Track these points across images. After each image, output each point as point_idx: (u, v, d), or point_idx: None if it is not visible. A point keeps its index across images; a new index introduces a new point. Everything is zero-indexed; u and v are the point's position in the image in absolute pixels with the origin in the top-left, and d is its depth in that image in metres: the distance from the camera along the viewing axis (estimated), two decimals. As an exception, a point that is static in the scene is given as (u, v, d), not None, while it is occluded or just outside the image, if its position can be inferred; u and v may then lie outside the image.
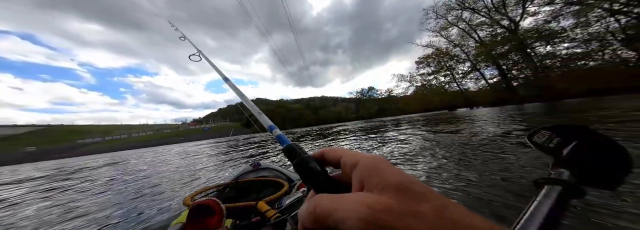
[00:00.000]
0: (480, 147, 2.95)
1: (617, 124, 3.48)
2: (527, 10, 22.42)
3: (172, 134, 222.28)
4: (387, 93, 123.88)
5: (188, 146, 22.99)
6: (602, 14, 16.92)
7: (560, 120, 5.13)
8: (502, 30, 24.39)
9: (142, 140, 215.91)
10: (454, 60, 32.34)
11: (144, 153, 20.80)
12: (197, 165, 4.94)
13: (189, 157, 7.45)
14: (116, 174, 5.46)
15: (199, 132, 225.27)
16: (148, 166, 6.44)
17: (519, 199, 1.32)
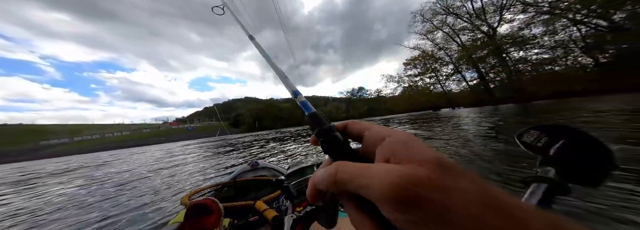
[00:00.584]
0: (465, 147, 3.11)
1: (583, 124, 3.91)
2: (504, 17, 24.09)
3: (152, 134, 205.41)
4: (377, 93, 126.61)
5: (170, 147, 21.53)
6: (567, 23, 18.66)
7: (532, 121, 5.62)
8: (482, 35, 26.01)
9: (117, 140, 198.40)
10: (438, 62, 33.91)
11: (115, 155, 19.25)
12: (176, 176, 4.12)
13: (165, 162, 6.74)
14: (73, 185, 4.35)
15: (183, 132, 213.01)
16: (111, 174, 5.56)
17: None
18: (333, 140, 0.17)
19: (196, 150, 10.35)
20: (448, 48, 31.59)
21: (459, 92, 32.29)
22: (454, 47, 30.83)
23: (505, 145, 3.03)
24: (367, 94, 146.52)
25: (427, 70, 36.22)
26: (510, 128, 4.75)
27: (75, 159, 22.68)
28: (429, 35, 33.28)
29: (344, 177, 0.13)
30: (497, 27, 24.56)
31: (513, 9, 22.93)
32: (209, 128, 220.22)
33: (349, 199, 0.14)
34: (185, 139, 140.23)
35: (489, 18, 25.44)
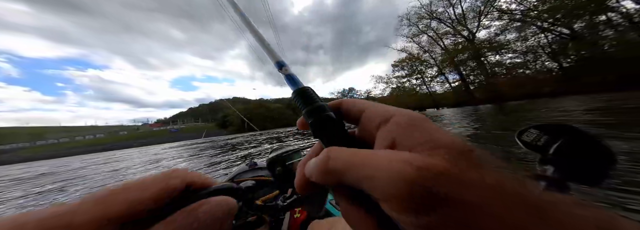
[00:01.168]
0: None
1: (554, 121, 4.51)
2: (482, 23, 25.87)
3: (130, 136, 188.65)
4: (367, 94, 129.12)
5: (153, 150, 19.49)
6: (536, 30, 20.51)
7: (506, 119, 6.10)
8: (463, 40, 27.72)
9: (89, 144, 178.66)
10: (424, 64, 35.51)
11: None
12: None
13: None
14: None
15: (165, 134, 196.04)
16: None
17: None
18: (326, 122, 0.14)
19: (182, 154, 9.78)
20: (433, 51, 33.25)
21: (442, 93, 34.11)
22: (438, 50, 32.51)
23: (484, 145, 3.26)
24: (358, 94, 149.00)
25: (413, 72, 37.78)
26: (489, 127, 5.26)
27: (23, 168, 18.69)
28: (415, 38, 34.85)
29: (337, 166, 0.11)
30: (476, 32, 26.32)
31: (490, 15, 24.74)
32: (194, 129, 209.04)
33: (344, 192, 0.12)
34: (169, 141, 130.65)
35: (469, 24, 27.21)
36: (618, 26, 16.12)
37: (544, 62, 20.65)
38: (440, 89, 34.56)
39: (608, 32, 16.50)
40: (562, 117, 4.87)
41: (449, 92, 31.91)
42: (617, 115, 3.85)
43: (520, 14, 21.75)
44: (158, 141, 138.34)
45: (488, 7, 24.66)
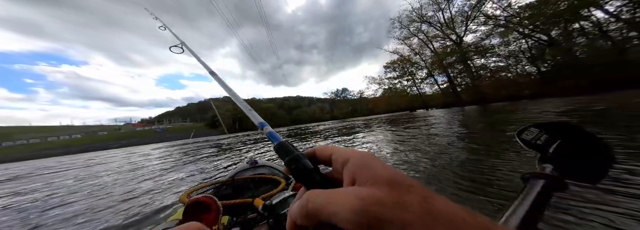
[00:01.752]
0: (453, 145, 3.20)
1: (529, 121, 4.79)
2: (469, 28, 27.08)
3: (111, 136, 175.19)
4: (360, 94, 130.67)
5: (135, 151, 17.43)
6: (517, 36, 21.75)
7: (488, 120, 6.42)
8: (451, 43, 28.85)
9: (64, 145, 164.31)
10: (414, 66, 36.58)
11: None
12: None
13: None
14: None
15: (149, 135, 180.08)
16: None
17: (503, 192, 1.37)
18: (303, 169, 0.18)
19: (165, 158, 7.62)
20: (423, 53, 34.35)
21: (432, 94, 35.29)
22: (428, 53, 33.63)
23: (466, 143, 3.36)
24: (351, 95, 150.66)
25: (404, 73, 38.82)
26: (473, 126, 5.52)
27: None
28: (406, 40, 35.82)
29: (315, 207, 0.13)
30: (464, 37, 27.50)
31: (477, 20, 25.96)
32: (181, 129, 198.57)
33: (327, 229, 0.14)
34: (154, 141, 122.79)
35: (457, 28, 28.38)
36: (589, 34, 17.46)
37: (524, 66, 21.98)
38: (429, 91, 35.82)
39: (580, 40, 17.83)
40: (538, 117, 5.33)
41: (438, 94, 33.09)
42: (585, 117, 4.29)
43: (504, 20, 23.00)
44: (142, 142, 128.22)
45: (475, 12, 25.87)
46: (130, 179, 3.93)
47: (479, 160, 2.22)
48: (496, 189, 1.51)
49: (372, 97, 58.07)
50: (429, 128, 5.99)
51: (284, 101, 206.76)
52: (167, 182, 3.31)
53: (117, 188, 3.29)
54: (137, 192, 2.88)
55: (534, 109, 7.67)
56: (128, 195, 2.76)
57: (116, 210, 2.20)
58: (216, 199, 0.59)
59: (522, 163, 1.97)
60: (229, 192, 1.19)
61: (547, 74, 19.66)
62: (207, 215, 0.55)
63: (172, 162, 5.72)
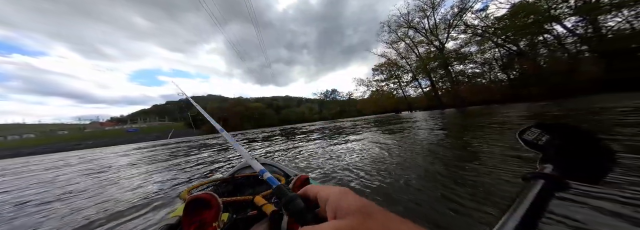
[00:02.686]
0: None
1: (500, 124, 4.99)
2: (451, 35, 29.13)
3: (73, 136, 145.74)
4: (348, 96, 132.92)
5: (100, 154, 14.23)
6: (492, 45, 23.89)
7: (465, 122, 6.90)
8: (434, 49, 30.78)
9: (13, 146, 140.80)
10: (400, 70, 38.34)
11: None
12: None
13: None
14: None
15: (120, 135, 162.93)
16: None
17: (501, 192, 1.42)
18: (298, 210, 0.22)
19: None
20: (409, 58, 36.18)
21: (416, 97, 37.25)
22: (413, 57, 35.48)
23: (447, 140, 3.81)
24: (340, 96, 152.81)
25: (391, 76, 40.50)
26: (451, 127, 6.04)
27: None
28: (394, 44, 37.49)
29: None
30: (446, 43, 29.50)
31: (458, 28, 28.03)
32: (158, 129, 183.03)
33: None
34: (126, 142, 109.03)
35: (440, 35, 30.36)
36: (550, 46, 19.76)
37: (497, 73, 24.20)
38: (414, 94, 37.77)
39: (543, 51, 20.11)
40: (504, 119, 6.03)
41: (422, 97, 35.04)
42: (543, 119, 5.05)
43: (481, 30, 25.13)
44: (111, 142, 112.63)
45: (457, 21, 27.93)
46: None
47: (460, 157, 2.52)
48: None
49: (360, 98, 59.51)
50: (411, 129, 6.49)
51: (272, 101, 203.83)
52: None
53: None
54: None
55: (502, 112, 8.73)
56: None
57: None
58: (217, 196, 0.61)
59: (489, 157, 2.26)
60: (229, 190, 1.22)
61: (515, 81, 21.86)
62: (208, 212, 0.57)
63: (132, 169, 4.70)
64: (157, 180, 3.25)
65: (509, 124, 4.89)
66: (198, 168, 3.95)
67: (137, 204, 2.16)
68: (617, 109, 5.00)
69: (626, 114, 4.09)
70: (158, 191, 2.57)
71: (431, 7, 30.84)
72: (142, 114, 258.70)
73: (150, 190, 2.67)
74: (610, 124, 3.29)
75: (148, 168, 4.58)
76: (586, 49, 17.84)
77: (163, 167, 4.53)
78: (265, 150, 5.70)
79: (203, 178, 3.08)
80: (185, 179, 3.07)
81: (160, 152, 8.93)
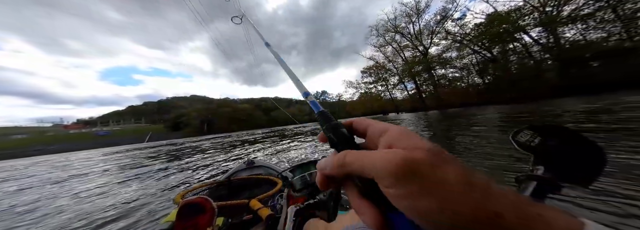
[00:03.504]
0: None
1: (480, 126, 5.30)
2: (434, 41, 31.17)
3: (31, 140, 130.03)
4: (338, 97, 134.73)
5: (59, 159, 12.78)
6: (470, 51, 25.97)
7: (449, 123, 7.42)
8: (419, 54, 32.69)
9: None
10: (388, 73, 40.06)
11: None
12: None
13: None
14: None
15: (88, 138, 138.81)
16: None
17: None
18: (341, 136, 0.20)
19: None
20: (395, 61, 37.99)
21: (402, 100, 39.04)
22: (400, 61, 37.30)
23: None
24: (330, 97, 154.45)
25: (379, 79, 42.13)
26: (435, 128, 6.55)
27: None
28: (381, 48, 39.23)
29: (350, 160, 0.16)
30: (429, 48, 31.48)
31: (440, 35, 30.10)
32: (134, 131, 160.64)
33: (352, 183, 0.17)
34: (94, 146, 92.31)
35: (424, 40, 32.35)
36: (519, 53, 21.96)
37: (474, 78, 26.31)
38: (400, 96, 39.59)
39: (513, 58, 22.28)
40: (480, 121, 6.60)
41: (407, 99, 36.81)
42: (513, 121, 5.63)
43: (460, 37, 27.22)
44: (76, 147, 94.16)
45: (439, 28, 29.99)
46: None
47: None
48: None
49: (350, 100, 60.88)
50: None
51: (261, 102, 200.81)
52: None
53: None
54: None
55: (478, 114, 9.65)
56: None
57: None
58: (211, 200, 0.59)
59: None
60: (225, 193, 1.19)
61: (490, 86, 23.90)
62: (202, 216, 0.55)
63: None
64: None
65: (485, 125, 5.26)
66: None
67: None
68: (573, 111, 5.69)
69: (583, 115, 4.68)
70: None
71: (416, 13, 32.88)
72: (116, 116, 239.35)
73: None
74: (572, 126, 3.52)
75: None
76: (548, 57, 20.10)
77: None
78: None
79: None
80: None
81: (129, 161, 7.39)
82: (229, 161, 4.91)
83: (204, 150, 8.38)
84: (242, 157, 5.28)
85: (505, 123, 5.61)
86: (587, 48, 18.17)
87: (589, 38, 18.28)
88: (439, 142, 3.84)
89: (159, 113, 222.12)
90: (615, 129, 3.09)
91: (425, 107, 30.50)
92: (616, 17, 16.73)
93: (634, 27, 16.02)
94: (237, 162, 4.36)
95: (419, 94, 33.17)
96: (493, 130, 4.51)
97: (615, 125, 3.28)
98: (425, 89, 32.76)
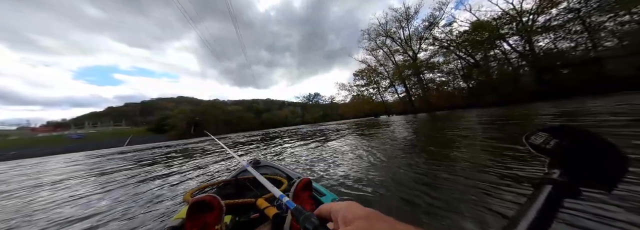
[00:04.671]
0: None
1: (465, 129, 5.29)
2: (422, 47, 32.87)
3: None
4: (330, 100, 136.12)
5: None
6: (455, 57, 27.69)
7: (437, 125, 7.41)
8: (408, 58, 34.28)
9: None
10: (379, 76, 41.49)
11: None
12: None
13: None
14: None
15: (60, 142, 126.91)
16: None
17: (513, 198, 1.38)
18: (313, 225, 0.25)
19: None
20: (386, 65, 39.48)
21: (392, 102, 40.52)
22: (390, 65, 38.82)
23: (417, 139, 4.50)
24: (322, 99, 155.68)
25: (371, 82, 43.47)
26: (423, 129, 6.73)
27: None
28: (373, 52, 40.68)
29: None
30: (418, 53, 33.12)
31: (427, 41, 31.84)
32: (113, 134, 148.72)
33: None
34: (67, 151, 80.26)
35: (413, 45, 34.02)
36: (499, 60, 23.77)
37: (459, 82, 28.04)
38: (391, 99, 41.07)
39: (494, 64, 24.08)
40: (464, 123, 6.88)
41: (398, 102, 38.28)
42: (493, 123, 5.81)
43: (446, 43, 28.97)
44: (42, 152, 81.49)
45: (427, 34, 31.72)
46: None
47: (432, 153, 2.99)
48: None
49: (342, 102, 61.97)
50: (392, 133, 6.64)
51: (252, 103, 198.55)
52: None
53: None
54: None
55: (463, 117, 10.06)
56: None
57: None
58: (219, 198, 0.62)
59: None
60: (232, 192, 1.24)
61: (473, 90, 25.60)
62: (210, 214, 0.58)
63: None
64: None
65: (468, 128, 5.44)
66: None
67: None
68: (546, 115, 6.09)
69: (553, 119, 5.21)
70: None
71: (406, 19, 34.59)
72: (93, 118, 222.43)
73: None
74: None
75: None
76: (525, 64, 21.96)
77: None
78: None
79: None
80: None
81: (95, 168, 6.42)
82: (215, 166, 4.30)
83: (190, 154, 7.36)
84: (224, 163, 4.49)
85: (480, 125, 5.94)
86: (558, 56, 20.11)
87: (560, 47, 20.26)
88: (421, 141, 4.18)
89: (142, 115, 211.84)
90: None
91: (415, 110, 31.93)
92: (583, 28, 18.70)
93: (598, 38, 18.00)
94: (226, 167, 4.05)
95: (408, 97, 34.66)
96: (470, 131, 4.88)
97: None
98: (414, 92, 34.31)
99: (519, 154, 2.36)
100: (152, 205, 2.21)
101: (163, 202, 2.25)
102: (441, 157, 2.73)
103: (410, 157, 2.92)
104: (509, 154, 2.46)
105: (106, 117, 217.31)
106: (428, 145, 3.74)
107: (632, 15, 15.43)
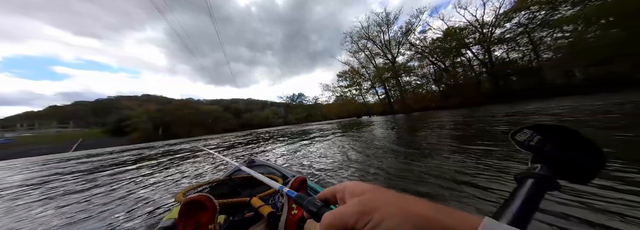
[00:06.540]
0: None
1: (440, 129, 5.73)
2: (400, 51, 36.22)
3: None
4: (314, 100, 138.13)
5: None
6: (428, 62, 31.27)
7: (413, 125, 8.23)
8: (388, 61, 37.44)
9: None
10: (361, 78, 44.30)
11: None
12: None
13: None
14: None
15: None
16: None
17: (492, 191, 1.51)
18: (317, 206, 0.28)
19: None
20: (368, 67, 42.41)
21: (373, 103, 43.60)
22: (371, 67, 41.82)
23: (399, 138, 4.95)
24: (306, 100, 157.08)
25: (353, 83, 46.13)
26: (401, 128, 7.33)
27: None
28: (355, 54, 43.37)
29: (329, 220, 0.22)
30: (396, 57, 36.41)
31: (405, 46, 35.24)
32: (57, 138, 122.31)
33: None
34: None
35: (392, 49, 37.27)
36: (465, 66, 27.62)
37: (431, 86, 31.69)
38: (372, 100, 44.16)
39: (460, 70, 27.88)
40: (437, 121, 7.86)
41: (378, 103, 41.38)
42: (466, 123, 6.44)
43: (420, 49, 32.49)
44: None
45: (404, 39, 35.08)
46: None
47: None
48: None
49: (325, 103, 64.12)
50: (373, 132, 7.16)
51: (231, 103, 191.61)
52: None
53: None
54: None
55: (435, 117, 11.86)
56: None
57: None
58: (212, 197, 0.62)
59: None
60: (226, 191, 1.29)
61: (442, 92, 29.26)
62: (203, 214, 0.58)
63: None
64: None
65: (438, 127, 6.15)
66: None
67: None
68: (500, 115, 7.22)
69: (508, 118, 6.23)
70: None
71: (386, 23, 37.74)
72: (27, 119, 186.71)
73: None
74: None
75: None
76: (484, 70, 25.93)
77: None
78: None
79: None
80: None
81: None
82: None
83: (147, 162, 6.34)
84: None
85: (452, 124, 6.73)
86: (508, 65, 24.23)
87: (510, 57, 24.44)
88: (402, 137, 5.23)
89: (96, 115, 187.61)
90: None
91: (394, 111, 35.06)
92: (529, 41, 22.89)
93: (540, 50, 22.24)
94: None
95: (388, 99, 37.79)
96: (433, 129, 5.71)
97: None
98: (393, 94, 37.55)
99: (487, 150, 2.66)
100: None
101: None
102: (427, 154, 2.95)
103: (395, 156, 3.10)
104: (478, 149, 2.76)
105: (48, 117, 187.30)
106: (410, 144, 3.99)
107: (564, 33, 19.53)
